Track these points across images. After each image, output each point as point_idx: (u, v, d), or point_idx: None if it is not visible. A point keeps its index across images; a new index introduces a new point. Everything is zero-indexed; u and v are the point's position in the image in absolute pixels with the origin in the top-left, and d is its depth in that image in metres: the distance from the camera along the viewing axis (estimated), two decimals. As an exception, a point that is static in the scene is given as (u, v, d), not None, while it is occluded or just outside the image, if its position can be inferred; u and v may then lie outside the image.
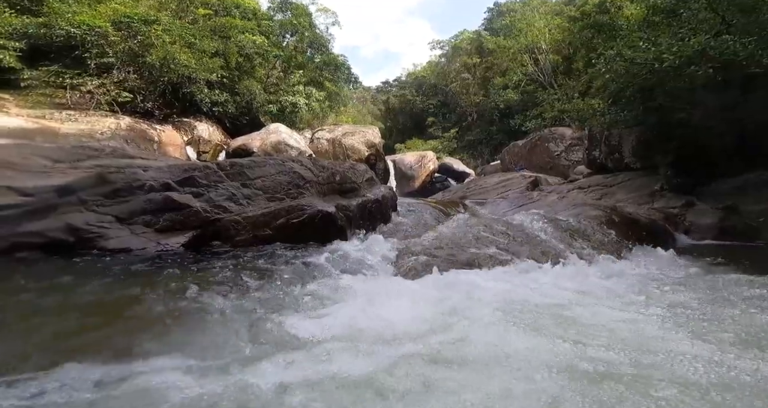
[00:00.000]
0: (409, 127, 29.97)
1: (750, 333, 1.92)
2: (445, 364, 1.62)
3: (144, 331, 1.94)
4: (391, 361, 1.62)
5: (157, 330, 1.95)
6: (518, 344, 1.78)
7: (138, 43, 11.04)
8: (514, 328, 1.95)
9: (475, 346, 1.76)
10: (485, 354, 1.70)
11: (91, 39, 10.39)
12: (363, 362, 1.62)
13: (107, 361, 1.65)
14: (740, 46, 5.42)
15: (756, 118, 5.98)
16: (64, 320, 2.10)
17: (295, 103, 17.62)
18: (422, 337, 1.85)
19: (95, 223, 3.83)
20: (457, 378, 1.51)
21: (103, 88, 10.94)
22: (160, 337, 1.87)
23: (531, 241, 3.24)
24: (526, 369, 1.56)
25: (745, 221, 5.04)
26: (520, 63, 22.69)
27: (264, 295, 2.44)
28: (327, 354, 1.69)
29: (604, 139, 8.52)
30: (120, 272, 2.98)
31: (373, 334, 1.87)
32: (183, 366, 1.60)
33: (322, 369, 1.56)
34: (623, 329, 1.96)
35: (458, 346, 1.76)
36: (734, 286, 2.64)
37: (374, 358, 1.65)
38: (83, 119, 10.57)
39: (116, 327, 2.05)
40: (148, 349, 1.74)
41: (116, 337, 1.93)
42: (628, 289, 2.62)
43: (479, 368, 1.59)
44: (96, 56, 10.58)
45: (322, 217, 3.93)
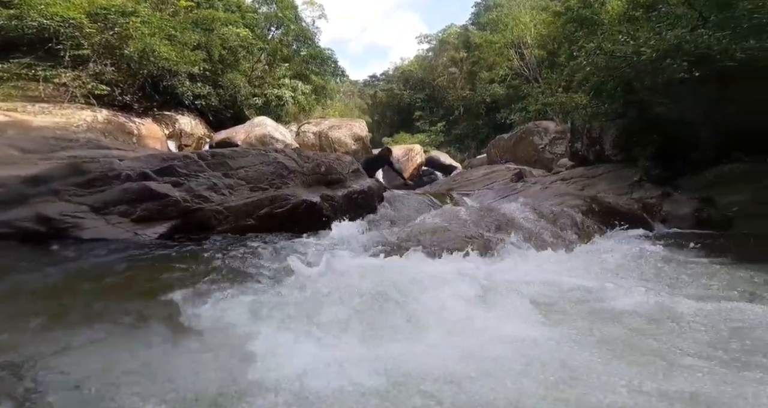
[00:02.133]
0: (396, 121, 29.92)
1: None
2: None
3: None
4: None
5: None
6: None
7: (115, 36, 10.74)
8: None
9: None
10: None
11: (65, 31, 10.07)
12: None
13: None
14: (715, 41, 5.57)
15: (729, 113, 6.17)
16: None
17: (280, 97, 17.38)
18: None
19: (69, 213, 3.72)
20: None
21: (79, 81, 10.62)
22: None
23: (513, 227, 3.27)
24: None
25: (720, 212, 5.19)
26: (506, 57, 22.86)
27: (238, 277, 2.42)
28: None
29: (586, 132, 8.66)
30: (84, 262, 2.90)
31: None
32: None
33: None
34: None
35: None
36: (696, 262, 2.81)
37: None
38: (58, 112, 10.25)
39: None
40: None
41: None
42: (598, 265, 2.71)
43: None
44: (70, 48, 10.26)
45: (306, 206, 3.90)
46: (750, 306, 2.02)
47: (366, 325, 1.83)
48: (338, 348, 1.63)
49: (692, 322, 1.87)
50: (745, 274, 2.63)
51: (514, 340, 1.67)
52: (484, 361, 1.50)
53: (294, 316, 1.88)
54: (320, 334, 1.74)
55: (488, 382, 1.37)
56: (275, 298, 2.07)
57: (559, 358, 1.52)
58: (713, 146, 6.52)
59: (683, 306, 2.00)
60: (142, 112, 12.58)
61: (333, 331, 1.77)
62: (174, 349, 1.62)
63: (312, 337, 1.72)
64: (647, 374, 1.41)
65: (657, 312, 1.96)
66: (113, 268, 2.76)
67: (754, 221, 4.83)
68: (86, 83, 10.71)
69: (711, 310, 1.96)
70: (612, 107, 7.59)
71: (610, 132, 8.14)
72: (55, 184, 4.00)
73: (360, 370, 1.42)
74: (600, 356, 1.55)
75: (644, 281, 2.51)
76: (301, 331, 1.76)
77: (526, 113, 16.55)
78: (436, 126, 26.44)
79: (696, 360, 1.54)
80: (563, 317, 1.95)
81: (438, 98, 28.15)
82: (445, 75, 26.91)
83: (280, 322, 1.83)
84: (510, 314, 1.94)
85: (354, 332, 1.76)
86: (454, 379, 1.38)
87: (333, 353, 1.56)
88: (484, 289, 2.19)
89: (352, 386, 1.33)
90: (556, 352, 1.58)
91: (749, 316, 1.91)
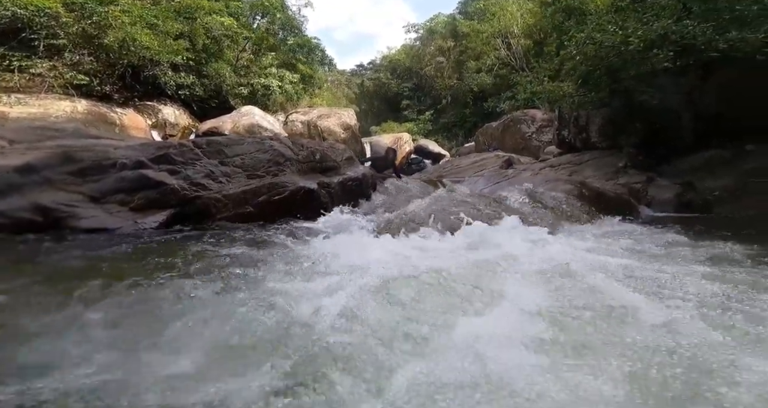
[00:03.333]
0: (384, 110, 29.79)
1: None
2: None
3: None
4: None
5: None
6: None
7: (93, 25, 10.42)
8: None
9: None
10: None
11: (40, 20, 9.74)
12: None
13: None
14: (699, 31, 5.74)
15: (709, 102, 6.39)
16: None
17: (267, 86, 17.11)
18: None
19: (64, 202, 3.68)
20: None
21: (55, 71, 10.34)
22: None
23: (506, 210, 3.39)
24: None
25: (701, 196, 5.41)
26: (493, 47, 22.90)
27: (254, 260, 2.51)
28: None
29: (573, 120, 8.83)
30: (91, 251, 2.89)
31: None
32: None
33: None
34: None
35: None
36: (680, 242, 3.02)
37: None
38: (35, 103, 9.99)
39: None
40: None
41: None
42: (595, 243, 2.86)
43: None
44: (45, 38, 9.95)
45: (305, 193, 3.94)
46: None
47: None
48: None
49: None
50: (707, 249, 2.82)
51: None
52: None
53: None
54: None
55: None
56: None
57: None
58: (694, 133, 6.75)
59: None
60: (123, 102, 12.29)
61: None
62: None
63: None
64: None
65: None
66: (129, 254, 2.77)
67: (732, 205, 5.06)
68: (63, 73, 10.43)
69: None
70: (598, 96, 7.74)
71: (596, 120, 8.33)
72: (47, 172, 3.94)
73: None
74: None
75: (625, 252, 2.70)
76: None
77: (515, 102, 16.71)
78: (423, 115, 26.46)
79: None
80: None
81: (425, 87, 28.09)
82: (432, 64, 26.82)
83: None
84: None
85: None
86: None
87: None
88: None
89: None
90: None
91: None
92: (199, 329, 1.62)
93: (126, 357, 1.43)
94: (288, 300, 1.83)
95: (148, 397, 1.20)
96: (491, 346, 1.42)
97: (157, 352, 1.45)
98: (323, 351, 1.42)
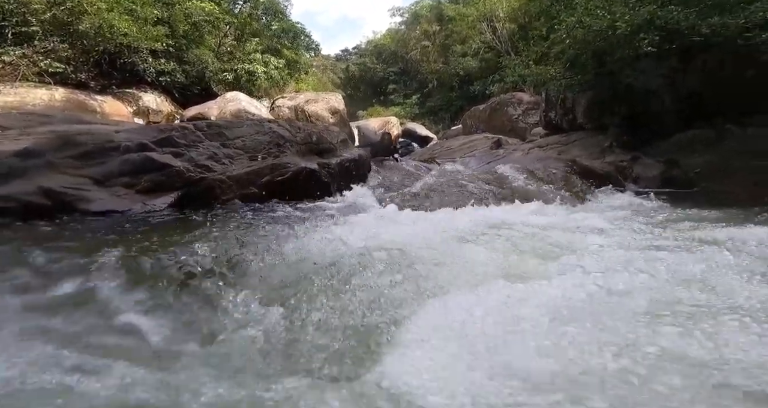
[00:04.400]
0: (370, 94, 29.61)
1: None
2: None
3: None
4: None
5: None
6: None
7: (66, 11, 10.06)
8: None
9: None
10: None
11: (9, 7, 9.37)
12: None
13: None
14: (683, 17, 5.95)
15: (691, 85, 6.68)
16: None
17: (252, 72, 16.80)
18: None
19: (71, 186, 3.69)
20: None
21: (27, 59, 10.02)
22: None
23: (507, 187, 3.57)
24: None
25: (684, 173, 5.70)
26: (478, 31, 22.91)
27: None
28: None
29: (560, 102, 9.04)
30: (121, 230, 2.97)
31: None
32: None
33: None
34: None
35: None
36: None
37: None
38: (10, 91, 9.68)
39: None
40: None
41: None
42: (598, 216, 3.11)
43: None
44: (15, 25, 9.60)
45: (307, 173, 4.02)
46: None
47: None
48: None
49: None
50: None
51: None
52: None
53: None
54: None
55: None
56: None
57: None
58: (676, 115, 7.04)
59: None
60: (100, 90, 12.03)
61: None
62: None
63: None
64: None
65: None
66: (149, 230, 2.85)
67: (713, 181, 5.37)
68: (37, 61, 10.12)
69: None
70: (585, 78, 7.95)
71: (582, 102, 8.55)
72: (49, 157, 3.92)
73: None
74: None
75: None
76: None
77: (503, 84, 16.90)
78: (410, 99, 26.45)
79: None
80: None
81: (411, 71, 27.97)
82: (418, 48, 26.65)
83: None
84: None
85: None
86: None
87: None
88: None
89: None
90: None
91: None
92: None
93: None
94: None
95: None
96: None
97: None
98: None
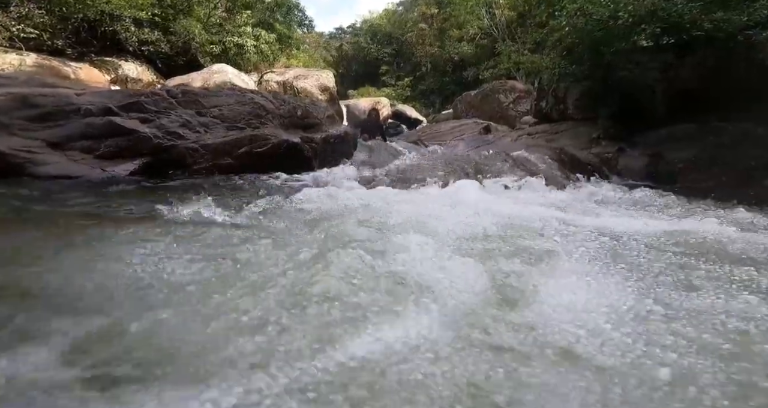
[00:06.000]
0: (362, 74, 28.98)
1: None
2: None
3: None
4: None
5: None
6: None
7: None
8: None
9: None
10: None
11: None
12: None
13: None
14: (686, 10, 5.82)
15: (684, 80, 6.61)
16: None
17: (241, 45, 16.13)
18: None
19: (21, 148, 3.42)
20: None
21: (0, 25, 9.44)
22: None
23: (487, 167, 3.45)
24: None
25: (668, 167, 5.68)
26: (476, 16, 22.48)
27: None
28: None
29: (552, 92, 8.92)
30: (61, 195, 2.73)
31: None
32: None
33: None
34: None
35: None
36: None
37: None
38: None
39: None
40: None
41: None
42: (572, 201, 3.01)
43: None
44: None
45: (288, 146, 3.82)
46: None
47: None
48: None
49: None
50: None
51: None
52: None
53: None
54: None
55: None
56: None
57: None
58: (666, 108, 6.99)
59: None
60: (77, 57, 11.43)
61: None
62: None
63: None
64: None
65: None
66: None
67: (696, 175, 5.35)
68: (9, 26, 9.53)
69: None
70: (579, 69, 7.82)
71: (574, 92, 8.44)
72: (1, 117, 3.63)
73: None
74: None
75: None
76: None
77: (497, 70, 16.70)
78: (402, 81, 26.01)
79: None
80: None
81: (405, 54, 27.43)
82: (414, 31, 26.05)
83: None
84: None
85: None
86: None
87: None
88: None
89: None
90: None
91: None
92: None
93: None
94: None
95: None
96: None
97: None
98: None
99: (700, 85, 6.50)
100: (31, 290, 1.31)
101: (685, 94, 6.72)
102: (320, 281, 1.34)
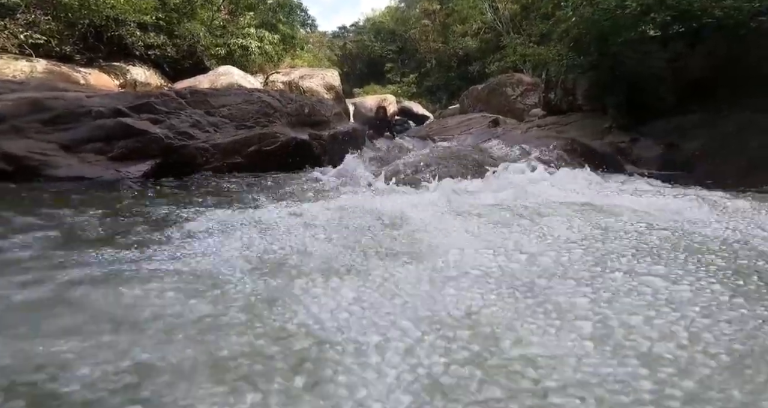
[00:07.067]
0: (367, 73, 28.94)
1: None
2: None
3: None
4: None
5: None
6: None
7: None
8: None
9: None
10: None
11: None
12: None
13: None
14: (696, -2, 5.70)
15: (693, 69, 6.47)
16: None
17: (246, 47, 16.18)
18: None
19: (36, 151, 3.46)
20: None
21: (8, 32, 9.60)
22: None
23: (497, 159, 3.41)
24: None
25: (683, 155, 5.57)
26: (479, 11, 22.29)
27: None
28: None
29: (560, 84, 8.80)
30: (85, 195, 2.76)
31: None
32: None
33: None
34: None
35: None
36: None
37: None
38: None
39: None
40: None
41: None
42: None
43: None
44: None
45: (297, 144, 3.82)
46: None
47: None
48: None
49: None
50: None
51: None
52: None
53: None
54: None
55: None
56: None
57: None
58: (676, 97, 6.85)
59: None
60: (86, 63, 11.58)
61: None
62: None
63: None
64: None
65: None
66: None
67: (711, 163, 5.25)
68: (18, 33, 9.69)
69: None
70: (587, 60, 7.70)
71: (582, 83, 8.31)
72: (15, 121, 3.67)
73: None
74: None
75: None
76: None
77: (503, 63, 16.58)
78: (407, 78, 25.94)
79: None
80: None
81: (410, 50, 27.33)
82: (417, 27, 25.96)
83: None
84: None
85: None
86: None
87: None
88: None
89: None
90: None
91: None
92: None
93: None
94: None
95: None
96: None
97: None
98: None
99: (710, 73, 6.36)
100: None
101: (695, 84, 6.58)
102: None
